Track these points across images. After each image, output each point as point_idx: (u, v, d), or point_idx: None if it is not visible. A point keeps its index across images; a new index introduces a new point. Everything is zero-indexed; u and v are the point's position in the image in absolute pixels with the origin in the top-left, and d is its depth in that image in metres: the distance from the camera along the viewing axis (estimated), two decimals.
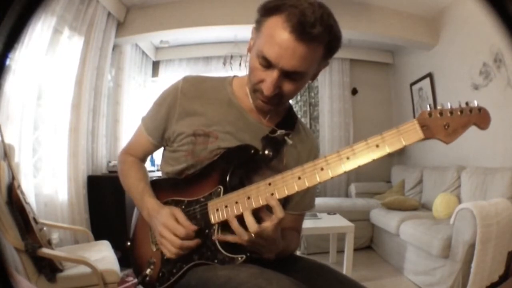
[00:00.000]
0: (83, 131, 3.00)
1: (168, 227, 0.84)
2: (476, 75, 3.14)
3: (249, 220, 0.78)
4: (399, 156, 4.67)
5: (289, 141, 0.92)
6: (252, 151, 0.88)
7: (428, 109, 0.68)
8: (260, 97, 0.85)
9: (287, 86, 0.81)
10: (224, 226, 0.85)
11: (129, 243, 1.03)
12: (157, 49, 4.58)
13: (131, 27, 3.56)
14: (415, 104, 4.34)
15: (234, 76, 1.01)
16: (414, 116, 4.24)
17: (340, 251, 2.98)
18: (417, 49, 4.17)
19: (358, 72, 4.90)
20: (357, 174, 4.61)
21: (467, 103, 0.68)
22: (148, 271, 0.92)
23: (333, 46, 0.81)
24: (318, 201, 3.96)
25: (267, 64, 0.78)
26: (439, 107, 0.68)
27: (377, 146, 0.69)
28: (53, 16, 2.51)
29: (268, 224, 0.78)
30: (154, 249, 0.94)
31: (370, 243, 3.76)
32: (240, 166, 0.88)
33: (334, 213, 3.23)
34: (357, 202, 3.97)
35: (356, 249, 3.01)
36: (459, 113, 0.68)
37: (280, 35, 0.74)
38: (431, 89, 3.94)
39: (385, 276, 2.98)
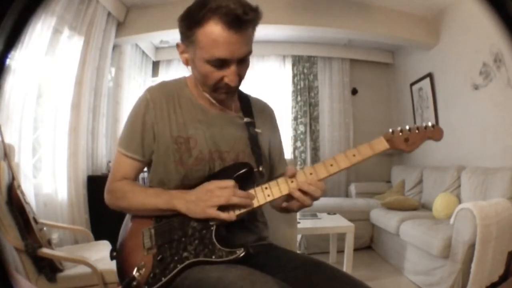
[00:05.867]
0: (83, 131, 3.00)
1: (214, 183, 0.89)
2: (476, 75, 3.13)
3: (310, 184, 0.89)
4: (399, 156, 4.67)
5: (258, 130, 1.04)
6: (247, 169, 0.93)
7: (391, 130, 0.92)
8: (224, 90, 0.94)
9: (243, 69, 0.93)
10: (221, 226, 0.90)
11: (114, 253, 1.01)
12: (157, 49, 4.57)
13: (131, 27, 3.56)
14: (415, 104, 4.33)
15: (186, 77, 1.06)
16: (414, 116, 4.22)
17: (340, 251, 2.97)
18: (417, 49, 4.17)
19: (358, 72, 4.90)
20: (357, 174, 4.61)
21: (423, 124, 0.93)
22: (136, 274, 0.89)
23: (258, 22, 0.91)
24: (318, 201, 3.97)
25: (221, 63, 0.88)
26: (400, 128, 0.92)
27: (354, 155, 0.90)
28: (53, 16, 2.51)
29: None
30: (146, 254, 0.92)
31: (370, 243, 3.76)
32: (238, 178, 0.92)
33: (334, 213, 3.23)
34: (357, 202, 3.97)
35: (356, 249, 3.00)
36: (416, 130, 0.92)
37: (223, 36, 0.84)
38: (431, 89, 3.93)
39: (385, 276, 2.98)
